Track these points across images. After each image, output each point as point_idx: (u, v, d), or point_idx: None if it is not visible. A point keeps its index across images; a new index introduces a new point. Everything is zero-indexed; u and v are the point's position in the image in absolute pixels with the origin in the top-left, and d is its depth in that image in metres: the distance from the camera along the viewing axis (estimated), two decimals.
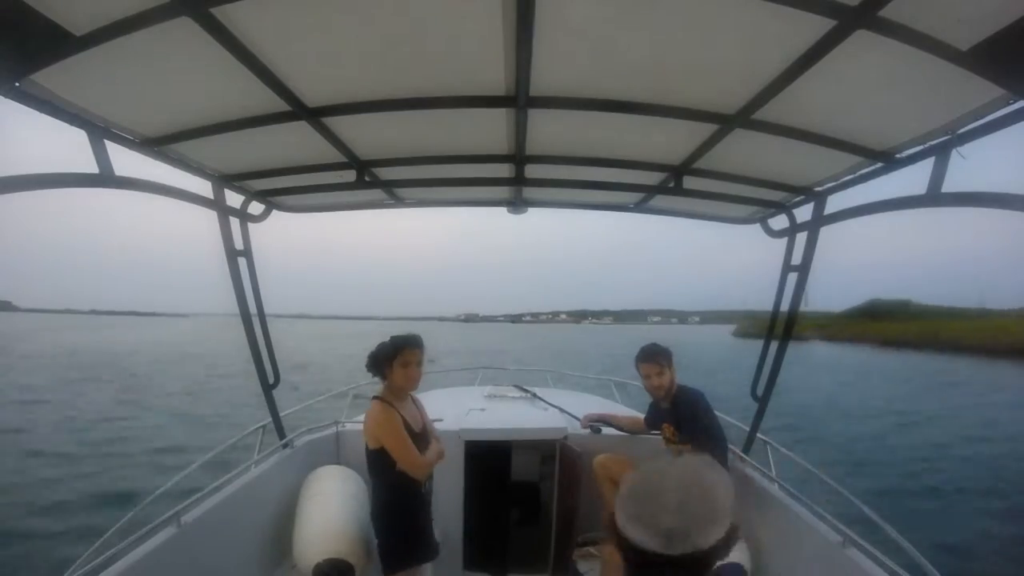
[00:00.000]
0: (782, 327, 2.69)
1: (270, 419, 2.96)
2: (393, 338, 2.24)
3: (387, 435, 2.10)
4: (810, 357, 36.30)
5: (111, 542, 1.79)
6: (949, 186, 1.58)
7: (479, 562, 3.10)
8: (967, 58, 1.19)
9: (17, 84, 1.34)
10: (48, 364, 23.92)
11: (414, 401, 2.33)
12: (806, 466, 2.58)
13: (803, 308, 2.54)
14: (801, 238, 2.46)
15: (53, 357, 27.34)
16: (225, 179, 2.33)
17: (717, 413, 2.59)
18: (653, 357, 2.55)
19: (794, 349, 2.83)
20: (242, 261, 2.59)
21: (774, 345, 2.70)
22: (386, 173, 2.43)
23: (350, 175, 2.32)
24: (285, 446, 2.96)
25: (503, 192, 2.75)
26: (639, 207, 2.84)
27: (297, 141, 1.97)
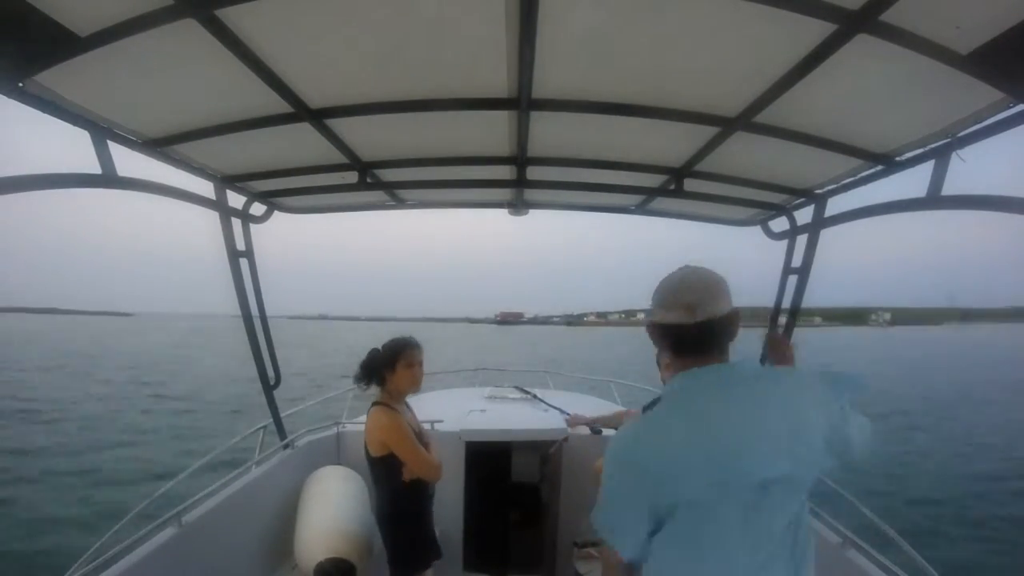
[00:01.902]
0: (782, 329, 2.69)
1: (271, 419, 2.96)
2: (392, 340, 2.21)
3: (397, 440, 2.07)
4: None
5: (112, 542, 1.79)
6: (949, 189, 1.59)
7: (479, 563, 3.11)
8: (967, 62, 1.20)
9: (20, 84, 1.35)
10: None
11: (407, 405, 2.33)
12: None
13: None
14: (801, 240, 2.46)
15: None
16: (227, 180, 2.33)
17: None
18: None
19: None
20: (244, 262, 2.60)
21: None
22: (388, 175, 2.44)
23: (352, 177, 2.33)
24: (286, 446, 2.97)
25: (504, 194, 2.76)
26: (640, 209, 2.85)
27: (299, 143, 1.98)
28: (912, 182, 1.71)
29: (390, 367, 2.16)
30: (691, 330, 1.05)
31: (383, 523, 2.17)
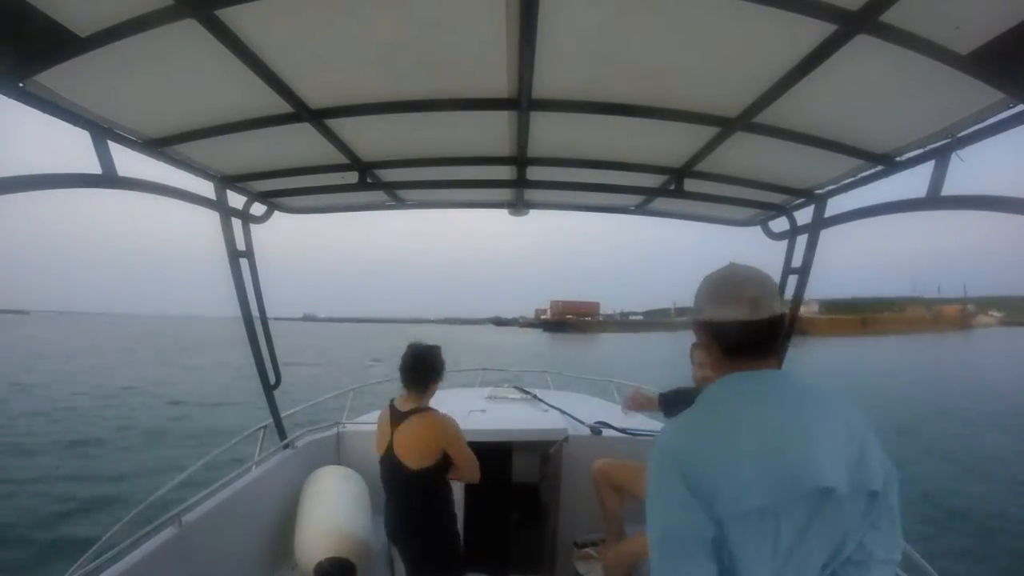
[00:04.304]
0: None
1: (271, 419, 2.97)
2: (435, 347, 2.16)
3: (460, 444, 2.03)
4: None
5: (112, 542, 1.79)
6: (949, 189, 1.59)
7: (479, 563, 3.11)
8: (967, 62, 1.20)
9: (21, 84, 1.35)
10: None
11: None
12: None
13: None
14: (801, 240, 2.46)
15: None
16: (227, 180, 2.34)
17: None
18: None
19: None
20: (244, 262, 2.60)
21: None
22: (388, 175, 2.44)
23: (352, 177, 2.33)
24: (286, 446, 2.98)
25: (504, 194, 2.76)
26: (640, 209, 2.85)
27: (300, 143, 1.98)
28: (912, 182, 1.71)
29: (438, 373, 2.12)
30: (753, 327, 0.96)
31: (432, 534, 2.06)
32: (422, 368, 2.07)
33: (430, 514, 2.04)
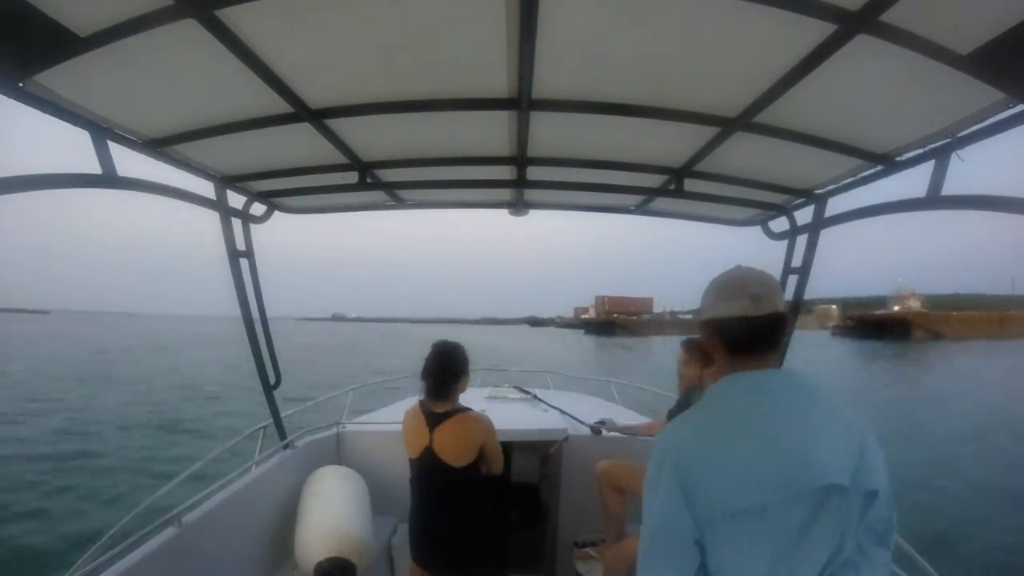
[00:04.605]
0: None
1: (271, 420, 2.97)
2: (457, 344, 2.19)
3: (496, 439, 2.06)
4: None
5: (112, 542, 1.79)
6: (949, 189, 1.59)
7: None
8: (967, 62, 1.20)
9: (21, 84, 1.35)
10: None
11: None
12: None
13: None
14: (801, 240, 2.46)
15: None
16: (227, 180, 2.34)
17: None
18: (687, 347, 2.53)
19: None
20: (244, 262, 2.60)
21: None
22: (388, 175, 2.44)
23: (352, 177, 2.33)
24: (286, 446, 2.97)
25: (504, 194, 2.77)
26: (640, 209, 2.86)
27: (299, 143, 1.98)
28: (912, 182, 1.71)
29: (465, 373, 2.15)
30: (755, 323, 0.98)
31: (491, 533, 2.09)
32: (452, 366, 2.11)
33: (477, 511, 2.07)
